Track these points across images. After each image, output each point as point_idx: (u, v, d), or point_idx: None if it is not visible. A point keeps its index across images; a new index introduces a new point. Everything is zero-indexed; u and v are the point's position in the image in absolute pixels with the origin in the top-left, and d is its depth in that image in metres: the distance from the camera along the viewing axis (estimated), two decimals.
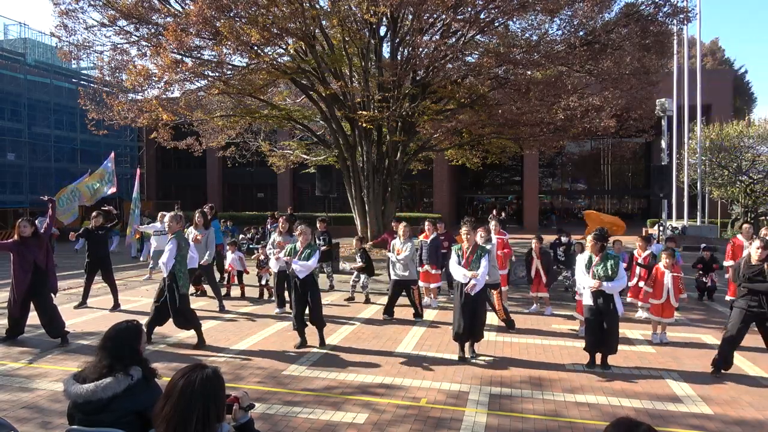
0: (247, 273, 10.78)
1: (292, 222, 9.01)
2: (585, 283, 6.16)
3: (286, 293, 8.49)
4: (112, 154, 12.59)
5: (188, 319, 6.90)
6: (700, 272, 10.42)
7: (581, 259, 6.35)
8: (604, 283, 5.96)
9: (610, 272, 6.01)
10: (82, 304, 9.45)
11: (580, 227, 24.15)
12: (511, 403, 5.12)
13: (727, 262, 8.98)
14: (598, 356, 6.19)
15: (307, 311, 6.98)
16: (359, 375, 5.89)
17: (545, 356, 6.64)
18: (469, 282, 6.23)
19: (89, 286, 9.54)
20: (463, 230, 6.50)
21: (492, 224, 9.30)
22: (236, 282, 10.68)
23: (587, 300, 6.15)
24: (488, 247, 6.83)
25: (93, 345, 6.53)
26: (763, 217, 23.37)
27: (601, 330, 6.04)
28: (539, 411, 4.95)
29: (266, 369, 6.08)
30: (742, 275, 5.87)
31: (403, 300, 9.29)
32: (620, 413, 4.82)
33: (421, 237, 9.87)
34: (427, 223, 9.58)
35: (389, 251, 8.55)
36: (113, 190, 12.14)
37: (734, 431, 4.57)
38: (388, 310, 8.59)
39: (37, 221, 13.11)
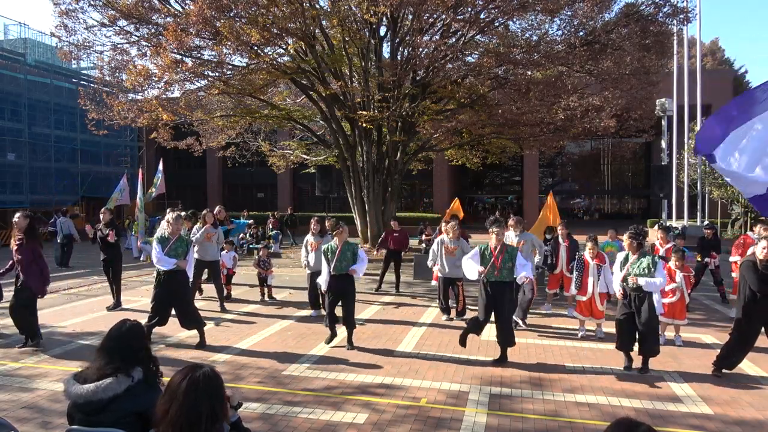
0: (233, 273, 10.76)
1: (321, 223, 9.03)
2: (618, 280, 6.15)
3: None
4: (161, 164, 12.90)
5: (195, 320, 6.94)
6: (698, 255, 10.02)
7: (618, 258, 6.31)
8: (641, 280, 5.89)
9: (647, 270, 5.95)
10: (117, 305, 9.40)
11: (577, 227, 24.13)
12: (511, 403, 5.12)
13: (733, 257, 8.96)
14: (636, 357, 6.17)
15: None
16: (359, 375, 5.89)
17: (545, 356, 6.64)
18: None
19: (112, 286, 9.50)
20: (495, 230, 6.45)
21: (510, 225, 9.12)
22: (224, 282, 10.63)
23: (618, 295, 6.18)
24: (514, 243, 7.15)
25: (93, 345, 6.53)
26: (764, 217, 23.34)
27: (634, 330, 6.01)
28: (539, 411, 4.95)
29: (266, 369, 6.08)
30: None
31: (404, 299, 9.32)
32: (620, 413, 4.82)
33: (423, 237, 9.94)
34: (443, 223, 9.70)
35: (437, 249, 8.61)
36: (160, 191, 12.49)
37: (734, 431, 4.57)
38: (447, 308, 8.68)
39: (59, 221, 13.01)
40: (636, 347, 6.09)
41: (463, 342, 6.57)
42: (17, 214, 7.10)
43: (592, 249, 7.49)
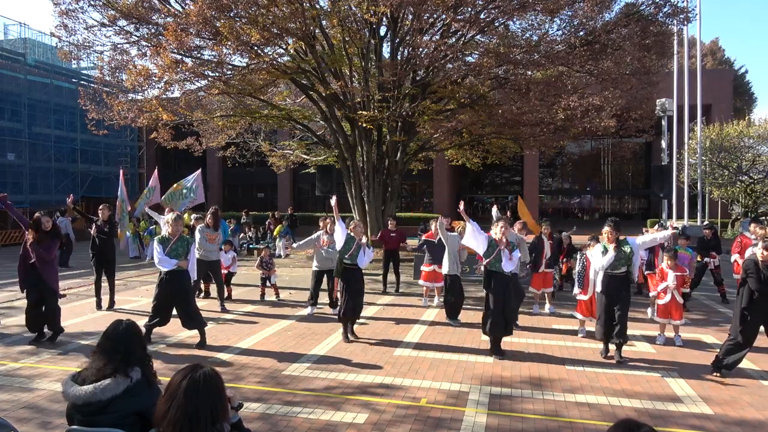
0: (233, 273, 10.78)
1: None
2: (599, 273, 6.34)
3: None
4: (198, 171, 12.82)
5: (196, 320, 6.94)
6: (699, 256, 10.04)
7: (597, 249, 6.53)
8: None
9: (629, 258, 6.27)
10: (100, 304, 9.39)
11: (577, 227, 24.06)
12: (511, 403, 5.12)
13: (734, 256, 8.97)
14: (612, 347, 6.46)
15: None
16: (359, 375, 5.89)
17: (545, 356, 6.64)
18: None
19: (100, 285, 9.48)
20: (501, 224, 6.82)
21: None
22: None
23: (599, 288, 6.37)
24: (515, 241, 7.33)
25: (93, 345, 6.53)
26: (764, 217, 23.36)
27: (613, 319, 6.26)
28: (539, 411, 4.95)
29: (266, 369, 6.08)
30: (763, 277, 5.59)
31: (404, 299, 9.27)
32: (620, 413, 4.83)
33: (424, 236, 9.94)
34: (432, 223, 9.71)
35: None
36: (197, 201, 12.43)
37: (734, 431, 4.57)
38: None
39: (59, 221, 13.05)
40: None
41: (500, 352, 6.60)
42: (38, 215, 7.30)
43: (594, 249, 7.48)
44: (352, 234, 7.37)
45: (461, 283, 8.51)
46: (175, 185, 12.44)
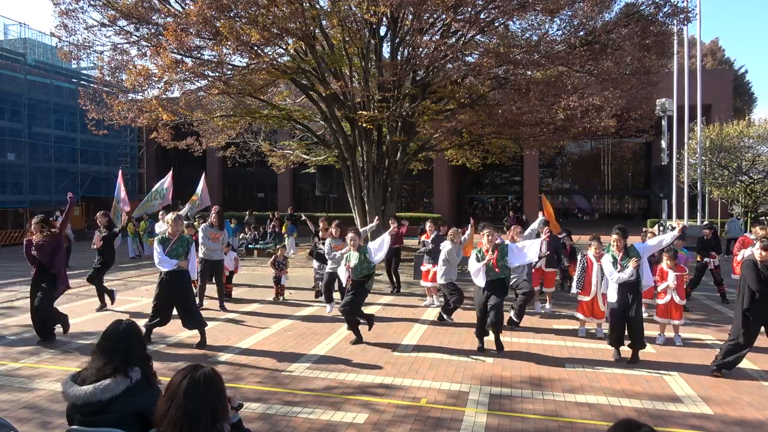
0: (236, 272, 10.82)
1: (341, 227, 8.96)
2: (619, 276, 6.28)
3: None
4: (203, 176, 12.93)
5: (197, 320, 6.94)
6: (699, 256, 10.11)
7: (607, 260, 6.52)
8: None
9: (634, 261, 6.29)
10: (104, 306, 9.36)
11: (577, 227, 24.12)
12: (511, 403, 5.12)
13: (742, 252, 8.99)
14: (624, 351, 6.48)
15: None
16: (359, 375, 5.89)
17: (545, 356, 6.64)
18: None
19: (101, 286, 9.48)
20: (486, 232, 6.85)
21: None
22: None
23: (613, 297, 6.37)
24: (506, 242, 7.25)
25: (93, 345, 6.53)
26: (763, 217, 23.36)
27: (625, 325, 6.31)
28: (539, 411, 4.95)
29: (266, 369, 6.08)
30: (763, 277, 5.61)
31: (404, 299, 9.24)
32: (620, 413, 4.83)
33: (422, 237, 9.92)
34: (428, 223, 9.67)
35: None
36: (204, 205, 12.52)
37: (734, 431, 4.57)
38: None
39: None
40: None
41: (479, 348, 6.81)
42: (34, 220, 7.31)
43: (596, 249, 7.45)
44: (350, 246, 7.35)
45: (456, 285, 8.40)
46: (193, 197, 12.58)
